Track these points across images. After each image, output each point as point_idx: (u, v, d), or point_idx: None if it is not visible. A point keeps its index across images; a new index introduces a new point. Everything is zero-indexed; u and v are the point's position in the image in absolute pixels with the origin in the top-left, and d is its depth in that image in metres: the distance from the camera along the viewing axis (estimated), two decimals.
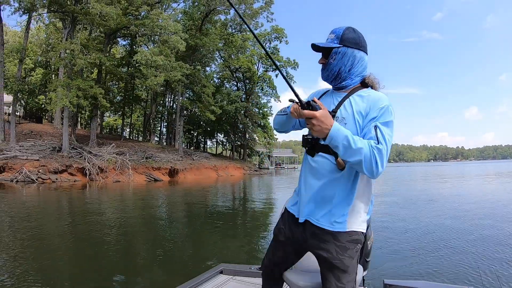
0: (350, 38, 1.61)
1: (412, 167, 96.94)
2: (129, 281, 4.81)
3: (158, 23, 27.06)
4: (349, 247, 1.53)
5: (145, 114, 50.35)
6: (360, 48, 1.63)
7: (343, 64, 1.62)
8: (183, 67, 30.26)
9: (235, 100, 47.79)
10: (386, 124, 1.45)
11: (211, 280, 2.74)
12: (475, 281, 4.31)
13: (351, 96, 1.60)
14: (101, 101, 26.39)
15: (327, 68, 1.65)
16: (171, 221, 9.60)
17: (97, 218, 9.97)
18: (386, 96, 1.58)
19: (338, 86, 1.68)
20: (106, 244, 6.95)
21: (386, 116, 1.47)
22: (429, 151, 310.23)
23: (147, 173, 28.55)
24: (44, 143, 28.80)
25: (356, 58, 1.62)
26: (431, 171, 52.47)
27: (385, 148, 1.38)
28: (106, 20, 25.34)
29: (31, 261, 5.68)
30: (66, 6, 27.01)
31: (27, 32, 31.39)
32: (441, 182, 26.72)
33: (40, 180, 23.33)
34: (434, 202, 13.45)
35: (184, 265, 5.53)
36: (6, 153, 26.08)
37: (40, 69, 49.60)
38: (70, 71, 27.16)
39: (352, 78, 1.64)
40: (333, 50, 1.61)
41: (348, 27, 1.64)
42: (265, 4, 39.21)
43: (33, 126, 38.12)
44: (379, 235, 7.08)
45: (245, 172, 46.02)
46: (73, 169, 25.48)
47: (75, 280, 4.87)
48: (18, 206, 12.81)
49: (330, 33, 1.67)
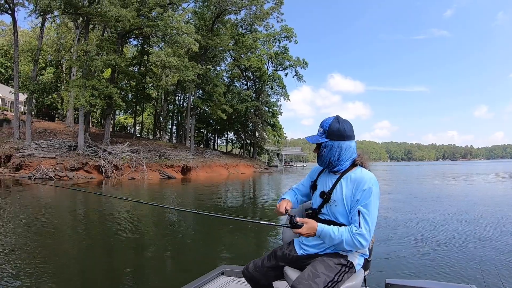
0: (335, 132, 1.93)
1: (420, 166, 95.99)
2: (135, 279, 4.70)
3: (171, 24, 27.42)
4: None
5: (155, 112, 50.91)
6: (345, 139, 1.94)
7: (332, 155, 1.95)
8: (195, 67, 30.65)
9: (245, 99, 48.07)
10: (367, 206, 1.81)
11: (213, 281, 2.77)
12: (477, 279, 4.31)
13: (342, 179, 1.94)
14: (117, 100, 26.85)
15: (320, 158, 2.00)
16: (182, 219, 9.59)
17: (113, 214, 10.26)
18: (370, 175, 1.89)
19: (333, 171, 2.02)
20: (114, 241, 7.02)
21: (366, 197, 1.82)
22: (438, 150, 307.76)
23: (160, 170, 29.08)
24: (60, 141, 29.42)
25: (343, 149, 1.94)
26: (437, 170, 52.07)
27: (367, 230, 1.78)
28: (121, 22, 25.75)
29: (49, 252, 6.02)
30: (81, 8, 27.53)
31: (41, 33, 32.00)
32: (446, 181, 26.70)
33: (57, 177, 23.94)
34: (437, 200, 13.44)
35: (187, 265, 5.47)
36: (23, 151, 26.72)
37: (51, 68, 50.40)
38: (85, 71, 27.68)
39: (342, 164, 1.97)
40: (322, 144, 1.97)
41: (334, 119, 1.97)
42: (275, 4, 39.41)
43: (46, 124, 38.79)
44: (381, 234, 7.10)
45: (255, 170, 46.51)
46: (89, 166, 26.05)
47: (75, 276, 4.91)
48: (46, 202, 13.34)
49: (320, 126, 2.01)
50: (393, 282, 2.36)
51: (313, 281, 1.75)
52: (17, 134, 30.34)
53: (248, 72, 52.28)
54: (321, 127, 1.99)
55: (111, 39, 33.06)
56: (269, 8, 39.39)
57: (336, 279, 1.82)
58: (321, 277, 1.78)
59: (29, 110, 30.73)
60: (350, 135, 1.95)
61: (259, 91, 52.60)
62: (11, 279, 4.47)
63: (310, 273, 1.80)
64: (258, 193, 19.29)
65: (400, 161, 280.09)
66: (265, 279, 2.11)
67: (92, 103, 26.32)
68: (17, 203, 12.84)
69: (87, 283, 4.63)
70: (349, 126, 1.95)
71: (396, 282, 2.37)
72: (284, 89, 55.32)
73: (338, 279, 1.83)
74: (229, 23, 42.66)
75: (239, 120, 51.53)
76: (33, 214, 10.15)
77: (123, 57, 31.80)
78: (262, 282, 2.11)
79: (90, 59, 25.16)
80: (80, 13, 28.57)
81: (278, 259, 2.10)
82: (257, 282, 2.12)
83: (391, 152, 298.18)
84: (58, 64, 51.03)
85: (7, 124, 36.55)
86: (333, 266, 1.86)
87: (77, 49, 25.96)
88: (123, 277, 4.81)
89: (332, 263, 1.87)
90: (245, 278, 2.16)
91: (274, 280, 2.14)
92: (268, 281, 2.12)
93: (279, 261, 2.09)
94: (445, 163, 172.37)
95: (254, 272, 2.10)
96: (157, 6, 28.42)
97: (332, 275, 1.82)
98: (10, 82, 54.57)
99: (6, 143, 29.27)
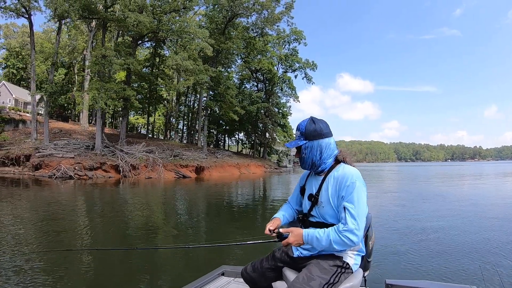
0: (311, 132, 1.94)
1: (427, 166, 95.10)
2: (135, 279, 4.71)
3: (186, 29, 28.06)
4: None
5: (166, 113, 51.65)
6: (322, 137, 1.95)
7: (314, 155, 1.96)
8: (208, 70, 31.29)
9: (256, 100, 48.65)
10: (352, 201, 1.79)
11: (212, 282, 2.74)
12: (478, 280, 4.29)
13: (327, 179, 1.96)
14: (134, 102, 27.53)
15: (303, 161, 2.02)
16: (194, 217, 9.86)
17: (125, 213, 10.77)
18: (352, 170, 1.89)
19: (317, 171, 2.03)
20: (113, 241, 7.08)
21: (350, 192, 1.81)
22: (446, 150, 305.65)
23: (175, 170, 29.83)
24: (78, 142, 30.22)
25: (323, 147, 1.95)
26: (443, 171, 51.72)
27: (355, 225, 1.75)
28: (137, 26, 26.42)
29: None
30: (98, 13, 28.30)
31: (58, 37, 32.87)
32: (451, 182, 26.73)
33: (76, 176, 24.68)
34: (439, 201, 13.43)
35: (187, 265, 5.45)
36: (42, 151, 27.58)
37: (62, 70, 51.35)
38: (102, 74, 28.42)
39: (325, 162, 1.98)
40: (302, 146, 1.97)
41: (308, 120, 1.99)
42: (285, 9, 39.94)
43: (61, 125, 39.72)
44: (381, 234, 7.09)
45: (266, 170, 47.18)
46: (107, 166, 26.83)
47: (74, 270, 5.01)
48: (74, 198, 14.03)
49: (296, 129, 2.05)
50: (393, 283, 2.33)
51: (307, 284, 1.74)
52: (35, 134, 31.20)
53: (258, 74, 52.92)
54: (297, 131, 2.01)
55: (126, 43, 33.78)
56: (280, 12, 39.96)
57: (332, 281, 1.81)
58: (316, 280, 1.77)
59: (46, 111, 31.58)
60: (327, 133, 1.96)
61: (269, 92, 53.17)
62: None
63: (304, 277, 1.79)
64: (273, 192, 19.84)
65: (408, 161, 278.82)
66: (264, 280, 2.12)
67: (110, 105, 26.98)
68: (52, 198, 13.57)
69: (85, 282, 4.57)
70: (324, 124, 1.98)
71: (396, 282, 2.34)
72: (294, 90, 55.90)
73: (334, 280, 1.82)
74: (240, 26, 43.32)
75: (250, 121, 52.26)
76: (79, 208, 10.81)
77: (138, 61, 32.53)
78: (261, 284, 2.13)
79: (109, 62, 25.81)
80: (97, 18, 29.29)
81: (276, 260, 2.11)
82: (256, 284, 2.14)
83: (399, 152, 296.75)
84: (69, 66, 51.96)
85: (23, 125, 37.53)
86: (328, 268, 1.85)
87: (96, 53, 26.56)
88: (123, 277, 4.78)
89: (327, 265, 1.86)
90: (244, 280, 2.19)
91: (273, 281, 2.15)
92: (267, 282, 2.14)
93: (277, 262, 2.10)
94: (453, 163, 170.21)
95: (253, 273, 2.13)
96: (172, 11, 29.05)
97: (328, 277, 1.81)
98: (22, 82, 55.79)
99: (24, 144, 30.14)
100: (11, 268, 4.86)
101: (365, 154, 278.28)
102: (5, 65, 54.84)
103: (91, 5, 27.61)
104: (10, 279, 4.40)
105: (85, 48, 46.44)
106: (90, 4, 27.46)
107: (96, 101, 26.21)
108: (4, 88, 45.92)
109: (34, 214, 9.82)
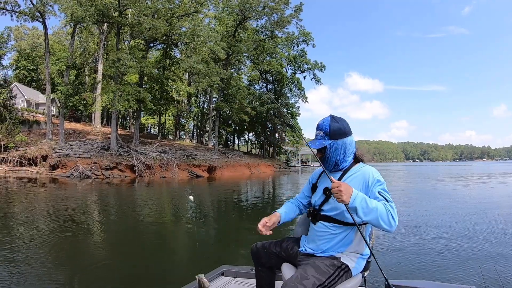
0: (336, 131, 1.90)
1: (435, 166, 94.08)
2: (135, 279, 4.65)
3: (199, 33, 28.67)
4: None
5: (177, 113, 52.32)
6: (346, 135, 1.93)
7: (338, 154, 1.93)
8: (220, 72, 31.88)
9: (266, 101, 49.14)
10: (385, 190, 1.77)
11: (212, 282, 2.72)
12: (478, 281, 4.25)
13: (346, 174, 1.94)
14: (149, 104, 28.20)
15: (326, 161, 1.96)
16: (205, 217, 9.88)
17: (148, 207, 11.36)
18: (372, 168, 1.89)
19: (337, 169, 1.99)
20: (113, 240, 7.12)
21: (380, 183, 1.80)
22: (455, 150, 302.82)
23: (189, 169, 30.51)
24: (93, 142, 30.96)
25: (347, 145, 1.93)
26: (449, 171, 51.29)
27: (395, 205, 1.67)
28: (151, 30, 27.06)
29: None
30: (113, 18, 29.03)
31: (72, 41, 33.69)
32: (454, 182, 26.48)
33: (94, 175, 25.40)
34: (441, 201, 13.29)
35: (187, 265, 5.34)
36: (58, 152, 28.40)
37: (73, 71, 52.15)
38: (117, 77, 29.14)
39: (346, 160, 1.95)
40: (327, 146, 1.92)
41: (330, 119, 1.94)
42: (294, 11, 40.45)
43: (74, 126, 40.64)
44: (381, 233, 6.69)
45: (275, 170, 47.75)
46: (123, 166, 27.61)
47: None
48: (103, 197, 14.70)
49: (317, 129, 1.97)
50: (394, 283, 2.25)
51: (300, 283, 1.68)
52: (50, 135, 32.01)
53: (268, 75, 53.49)
54: (320, 130, 1.95)
55: (139, 46, 34.47)
56: (289, 15, 40.48)
57: (326, 283, 1.74)
58: (310, 279, 1.71)
59: (62, 112, 32.42)
60: (349, 130, 1.95)
61: (278, 93, 53.64)
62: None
63: (299, 275, 1.74)
64: (284, 190, 20.23)
65: (416, 161, 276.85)
66: (267, 260, 2.16)
67: (127, 107, 27.67)
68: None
69: (83, 280, 4.51)
70: (346, 122, 1.96)
71: (397, 283, 2.31)
72: (302, 91, 56.23)
73: (329, 284, 1.76)
74: (250, 29, 43.90)
75: (260, 121, 52.87)
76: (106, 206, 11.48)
77: (151, 63, 33.21)
78: (263, 261, 2.17)
79: (123, 66, 26.47)
80: (112, 22, 29.99)
81: (282, 249, 2.11)
82: (260, 259, 2.18)
83: (407, 152, 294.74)
84: (80, 67, 52.76)
85: (37, 126, 38.41)
86: (324, 268, 1.79)
87: (113, 56, 27.26)
88: (123, 277, 4.73)
89: (323, 265, 1.81)
90: (251, 252, 2.23)
91: (274, 266, 2.18)
92: (268, 263, 2.17)
93: (282, 251, 2.11)
94: (461, 163, 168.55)
95: (261, 250, 2.17)
96: (184, 15, 29.66)
97: (323, 279, 1.74)
98: (33, 84, 56.77)
99: (40, 144, 30.96)
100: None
101: (373, 153, 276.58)
102: (16, 67, 55.73)
103: (105, 10, 28.33)
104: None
105: (96, 50, 47.33)
106: (105, 9, 28.17)
107: (113, 103, 26.88)
108: (16, 90, 46.78)
109: (68, 206, 10.73)
